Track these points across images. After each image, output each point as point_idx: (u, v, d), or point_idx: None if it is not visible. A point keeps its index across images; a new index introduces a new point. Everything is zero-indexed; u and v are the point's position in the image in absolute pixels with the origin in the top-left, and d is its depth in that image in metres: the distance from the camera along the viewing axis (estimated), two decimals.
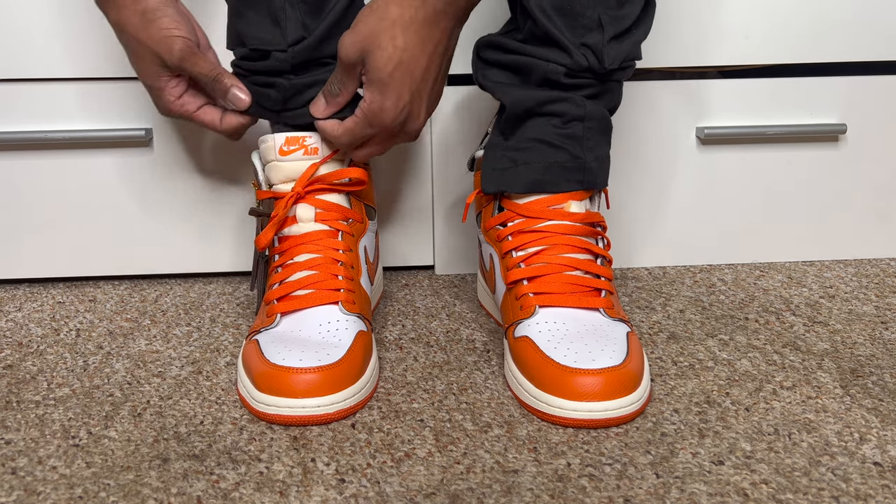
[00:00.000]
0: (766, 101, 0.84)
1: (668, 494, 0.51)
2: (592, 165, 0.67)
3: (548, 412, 0.58)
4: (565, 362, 0.58)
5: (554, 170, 0.66)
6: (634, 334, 0.63)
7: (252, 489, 0.52)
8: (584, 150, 0.66)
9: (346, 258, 0.67)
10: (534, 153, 0.66)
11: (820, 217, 0.88)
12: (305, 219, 0.67)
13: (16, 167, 0.82)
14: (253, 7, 0.65)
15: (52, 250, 0.85)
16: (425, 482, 0.52)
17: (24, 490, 0.52)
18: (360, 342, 0.62)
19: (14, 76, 0.79)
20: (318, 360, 0.59)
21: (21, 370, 0.68)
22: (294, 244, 0.67)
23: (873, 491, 0.51)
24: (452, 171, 0.84)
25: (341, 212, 0.69)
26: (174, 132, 0.82)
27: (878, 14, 0.82)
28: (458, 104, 0.82)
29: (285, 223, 0.68)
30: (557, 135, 0.66)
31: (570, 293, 0.64)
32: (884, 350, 0.69)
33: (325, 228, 0.68)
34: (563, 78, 0.65)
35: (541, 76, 0.65)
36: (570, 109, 0.65)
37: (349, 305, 0.65)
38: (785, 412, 0.60)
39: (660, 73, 0.87)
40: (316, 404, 0.58)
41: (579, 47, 0.64)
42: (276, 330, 0.64)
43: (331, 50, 0.66)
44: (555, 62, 0.64)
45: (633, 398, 0.58)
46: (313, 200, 0.68)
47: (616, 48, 0.64)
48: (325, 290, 0.65)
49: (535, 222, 0.66)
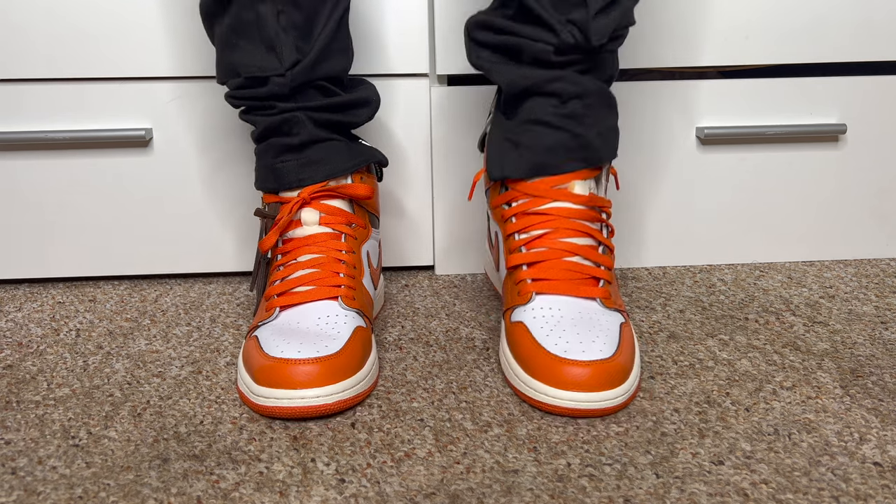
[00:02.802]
0: (766, 101, 0.84)
1: (668, 494, 0.51)
2: (595, 142, 0.66)
3: (535, 398, 0.60)
4: (556, 351, 0.59)
5: (556, 150, 0.66)
6: (629, 325, 0.64)
7: (252, 489, 0.52)
8: (584, 127, 0.66)
9: (349, 258, 0.68)
10: (534, 136, 0.66)
11: (820, 217, 0.88)
12: (310, 222, 0.68)
13: (16, 167, 0.82)
14: (245, 37, 0.66)
15: (52, 250, 0.85)
16: (425, 482, 0.52)
17: (24, 490, 0.52)
18: (359, 336, 0.63)
19: (14, 76, 0.79)
20: (316, 351, 0.59)
21: (21, 370, 0.68)
22: (297, 245, 0.68)
23: (873, 491, 0.51)
24: (452, 171, 0.84)
25: (345, 216, 0.69)
26: (174, 132, 0.82)
27: (878, 14, 0.82)
28: (458, 104, 0.82)
29: (289, 226, 0.69)
30: (556, 115, 0.66)
31: (567, 280, 0.65)
32: (884, 350, 0.69)
33: (328, 231, 0.68)
34: (553, 56, 0.64)
35: (531, 56, 0.65)
36: (567, 88, 0.65)
37: (349, 301, 0.66)
38: (785, 412, 0.60)
39: (660, 73, 0.87)
40: (315, 394, 0.58)
41: (565, 24, 0.63)
42: (275, 322, 0.64)
43: (324, 71, 0.68)
44: (543, 41, 0.64)
45: (619, 391, 0.59)
46: (318, 205, 0.69)
47: (602, 22, 0.63)
48: (325, 287, 0.66)
49: (540, 202, 0.66)
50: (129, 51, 0.79)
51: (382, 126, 0.83)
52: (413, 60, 0.81)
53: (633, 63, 0.82)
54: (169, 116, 0.81)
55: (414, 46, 0.81)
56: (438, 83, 0.83)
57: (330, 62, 0.68)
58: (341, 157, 0.70)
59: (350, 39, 0.71)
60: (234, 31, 0.66)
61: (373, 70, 0.81)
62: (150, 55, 0.79)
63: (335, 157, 0.69)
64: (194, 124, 0.82)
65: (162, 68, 0.80)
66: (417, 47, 0.81)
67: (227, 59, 0.68)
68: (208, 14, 0.68)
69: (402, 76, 0.82)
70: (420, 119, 0.83)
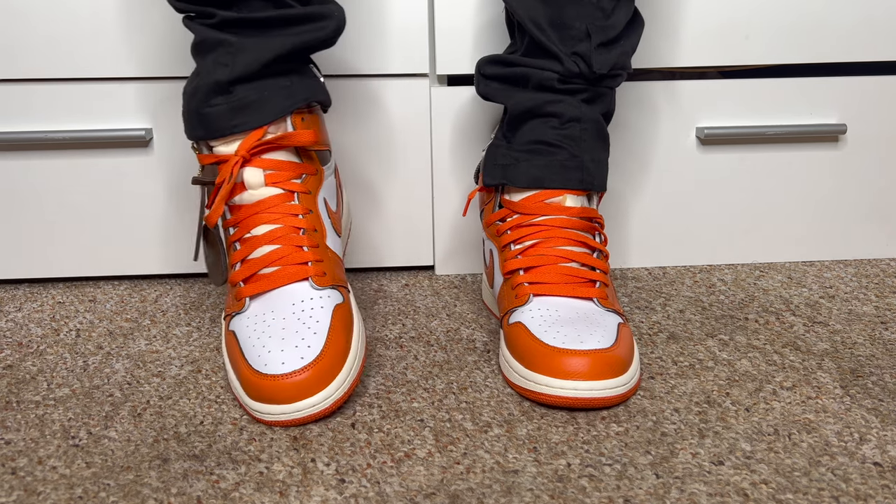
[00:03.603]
0: (766, 101, 0.84)
1: (668, 494, 0.51)
2: (590, 166, 0.69)
3: (536, 390, 0.60)
4: (554, 343, 0.60)
5: (554, 167, 0.68)
6: (626, 326, 0.64)
7: (252, 489, 0.52)
8: (581, 150, 0.68)
9: (308, 223, 0.63)
10: (535, 153, 0.69)
11: (820, 217, 0.88)
12: (255, 184, 0.63)
13: (16, 167, 0.82)
14: None
15: (52, 250, 0.85)
16: (425, 482, 0.52)
17: (24, 490, 0.52)
18: (339, 319, 0.60)
19: (14, 76, 0.79)
20: (300, 357, 0.57)
21: (21, 370, 0.68)
22: (248, 214, 0.63)
23: (873, 491, 0.51)
24: (452, 171, 0.84)
25: (293, 169, 0.63)
26: (174, 132, 0.82)
27: (878, 14, 0.82)
28: (458, 105, 0.82)
29: (234, 191, 0.63)
30: (557, 135, 0.68)
31: (564, 283, 0.66)
32: (884, 350, 0.69)
33: (278, 192, 0.63)
34: (557, 83, 0.68)
35: (537, 82, 0.68)
36: (567, 110, 0.68)
37: (320, 279, 0.62)
38: (785, 412, 0.60)
39: (660, 73, 0.87)
40: (311, 404, 0.57)
41: (570, 55, 0.67)
42: (248, 314, 0.62)
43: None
44: (549, 70, 0.68)
45: (621, 381, 0.59)
46: (260, 161, 0.63)
47: (604, 55, 0.67)
48: (291, 266, 0.62)
49: (532, 217, 0.68)
50: (129, 51, 0.79)
51: (382, 126, 0.83)
52: (413, 60, 0.81)
53: (633, 63, 0.82)
54: (169, 116, 0.81)
55: (414, 46, 0.81)
56: (438, 83, 0.83)
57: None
58: (278, 97, 0.63)
59: None
60: None
61: (373, 70, 0.81)
62: (150, 55, 0.79)
63: (271, 98, 0.62)
64: None
65: (162, 68, 0.80)
66: (417, 47, 0.81)
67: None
68: None
69: (402, 76, 0.82)
70: (420, 119, 0.83)
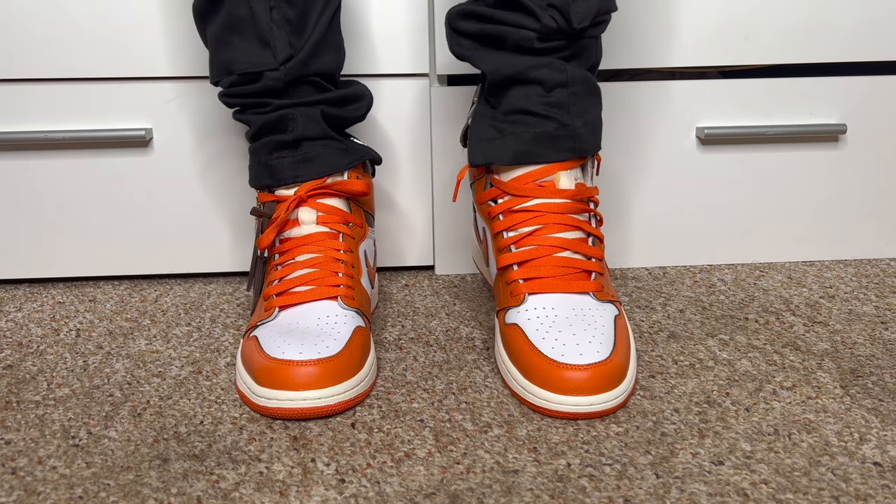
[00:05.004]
0: (766, 101, 0.84)
1: (668, 494, 0.51)
2: (582, 131, 0.66)
3: (535, 403, 0.60)
4: (553, 355, 0.59)
5: (542, 139, 0.65)
6: (623, 318, 0.64)
7: (252, 489, 0.52)
8: (571, 116, 0.65)
9: (347, 258, 0.68)
10: (520, 125, 0.66)
11: (820, 217, 0.88)
12: (307, 221, 0.68)
13: (16, 167, 0.82)
14: (239, 33, 0.66)
15: (52, 250, 0.85)
16: (425, 482, 0.52)
17: (24, 490, 0.52)
18: (359, 336, 0.63)
19: (14, 76, 0.79)
20: (317, 352, 0.59)
21: (21, 370, 0.68)
22: (295, 245, 0.68)
23: (873, 491, 0.51)
24: (452, 171, 0.84)
25: (342, 216, 0.69)
26: (174, 132, 0.82)
27: (878, 14, 0.82)
28: (458, 104, 0.82)
29: (286, 225, 0.69)
30: (543, 104, 0.65)
31: (559, 277, 0.64)
32: (884, 350, 0.69)
33: (326, 230, 0.68)
34: (536, 43, 0.64)
35: (514, 43, 0.65)
36: (552, 75, 0.65)
37: (348, 301, 0.66)
38: (785, 412, 0.60)
39: (660, 73, 0.87)
40: (316, 396, 0.58)
41: (545, 8, 0.63)
42: (275, 322, 0.64)
43: (317, 67, 0.68)
44: (525, 27, 0.64)
45: (618, 392, 0.59)
46: (315, 204, 0.69)
47: (584, 5, 0.63)
48: (324, 286, 0.66)
49: (524, 200, 0.66)
50: (129, 51, 0.79)
51: (382, 126, 0.83)
52: (413, 60, 0.81)
53: (633, 63, 0.82)
54: (169, 116, 0.81)
55: (414, 46, 0.81)
56: (438, 83, 0.83)
57: (323, 58, 0.68)
58: (336, 154, 0.70)
59: (342, 39, 0.71)
60: (227, 28, 0.66)
61: (373, 70, 0.81)
62: (150, 55, 0.79)
63: (330, 154, 0.69)
64: (194, 124, 0.82)
65: (162, 68, 0.80)
66: (417, 47, 0.81)
67: (220, 57, 0.68)
68: (201, 13, 0.68)
69: (402, 76, 0.82)
70: (420, 119, 0.83)
